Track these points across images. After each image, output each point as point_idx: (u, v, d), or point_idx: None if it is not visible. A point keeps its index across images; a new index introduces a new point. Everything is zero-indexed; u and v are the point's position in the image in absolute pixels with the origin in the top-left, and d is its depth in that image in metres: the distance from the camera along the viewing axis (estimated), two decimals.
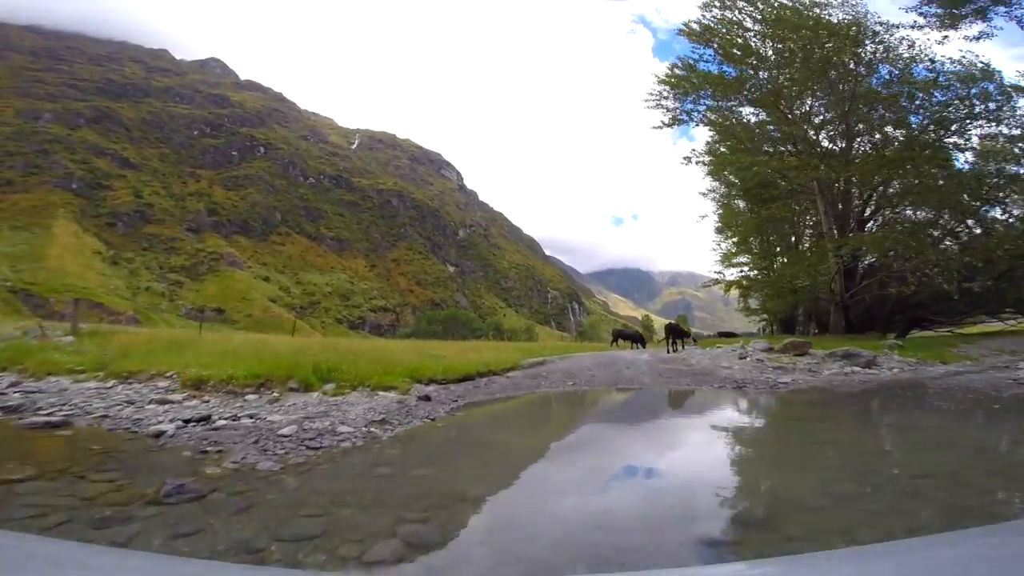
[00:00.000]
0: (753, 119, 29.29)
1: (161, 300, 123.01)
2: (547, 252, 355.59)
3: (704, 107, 28.29)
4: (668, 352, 22.46)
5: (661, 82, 27.62)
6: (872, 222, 28.35)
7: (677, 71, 27.62)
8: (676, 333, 24.15)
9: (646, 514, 3.58)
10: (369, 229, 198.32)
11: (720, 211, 40.86)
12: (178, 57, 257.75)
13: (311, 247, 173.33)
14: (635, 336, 37.02)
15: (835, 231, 26.12)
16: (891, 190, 27.63)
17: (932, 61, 23.92)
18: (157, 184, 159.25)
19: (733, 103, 28.36)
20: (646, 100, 27.96)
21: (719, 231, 41.19)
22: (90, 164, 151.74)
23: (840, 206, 27.44)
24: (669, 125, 28.50)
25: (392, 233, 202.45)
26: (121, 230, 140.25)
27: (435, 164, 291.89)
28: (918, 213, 27.88)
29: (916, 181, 25.72)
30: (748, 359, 13.37)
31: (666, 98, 27.85)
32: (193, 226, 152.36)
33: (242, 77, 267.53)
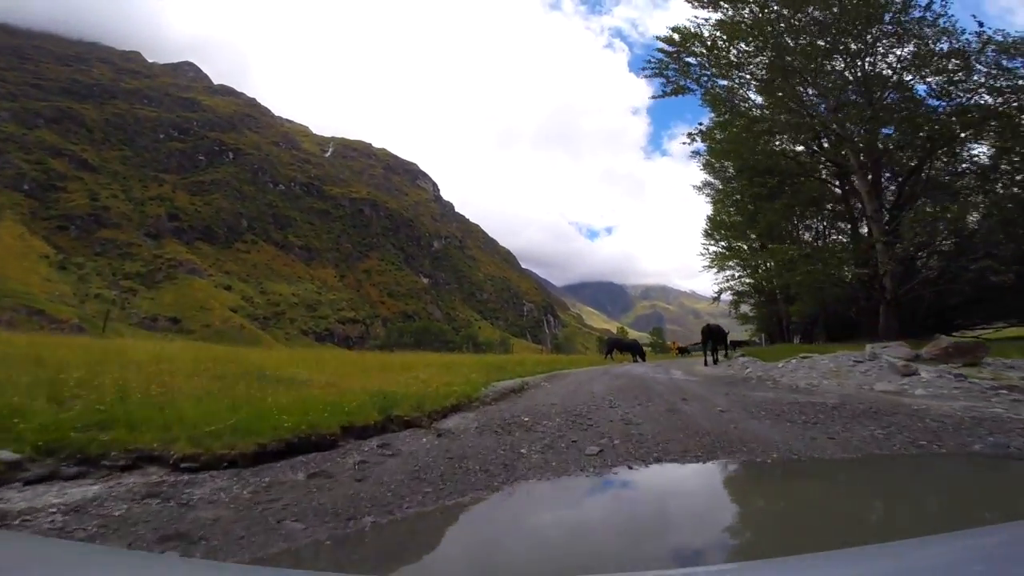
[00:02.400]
0: (760, 99, 26.82)
1: (112, 308, 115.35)
2: (523, 265, 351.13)
3: (709, 76, 25.57)
4: (707, 364, 19.03)
5: (659, 50, 24.91)
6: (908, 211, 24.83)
7: (677, 36, 24.53)
8: (717, 337, 19.93)
9: None
10: (340, 238, 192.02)
11: (715, 206, 39.57)
12: (150, 60, 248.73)
13: (278, 256, 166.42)
14: (634, 347, 32.65)
15: (883, 214, 23.20)
16: (924, 175, 25.04)
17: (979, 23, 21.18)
18: (116, 187, 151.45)
19: (739, 81, 25.83)
20: (644, 69, 25.29)
21: (708, 234, 39.63)
22: (45, 165, 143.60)
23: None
24: (671, 94, 25.72)
25: (364, 243, 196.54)
26: (73, 234, 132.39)
27: (411, 174, 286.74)
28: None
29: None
30: (922, 376, 8.93)
31: (667, 67, 25.13)
32: (152, 231, 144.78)
33: (216, 82, 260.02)
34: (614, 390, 9.98)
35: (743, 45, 24.10)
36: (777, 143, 27.89)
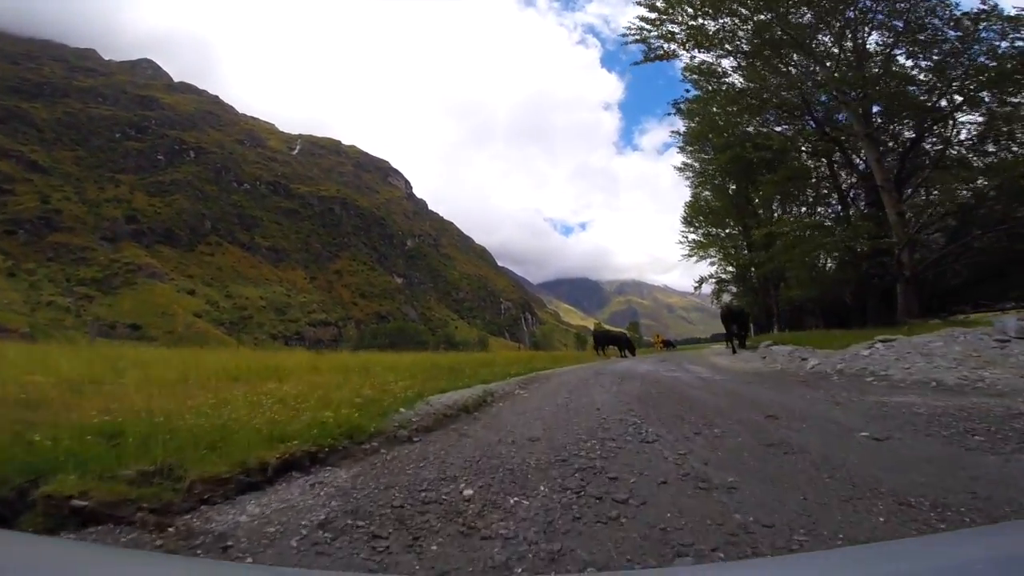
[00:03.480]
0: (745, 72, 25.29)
1: (66, 316, 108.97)
2: (499, 263, 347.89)
3: (693, 44, 24.04)
4: (734, 351, 17.04)
5: (641, 17, 23.33)
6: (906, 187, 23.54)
7: (660, 3, 22.87)
8: (740, 321, 17.87)
9: None
10: (309, 238, 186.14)
11: (694, 190, 38.86)
12: (106, 58, 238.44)
13: (244, 258, 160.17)
14: (623, 340, 30.46)
15: (893, 184, 21.00)
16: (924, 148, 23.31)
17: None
18: (69, 189, 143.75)
19: (728, 49, 24.21)
20: (625, 35, 23.53)
21: (687, 221, 38.70)
22: None
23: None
24: (654, 60, 24.19)
25: (334, 243, 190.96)
26: (22, 239, 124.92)
27: (382, 171, 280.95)
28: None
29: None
30: None
31: (649, 35, 23.49)
32: (108, 235, 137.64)
33: (177, 79, 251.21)
34: (630, 401, 6.35)
35: (730, 14, 22.62)
36: (764, 120, 27.00)
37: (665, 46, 23.39)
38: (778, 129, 26.83)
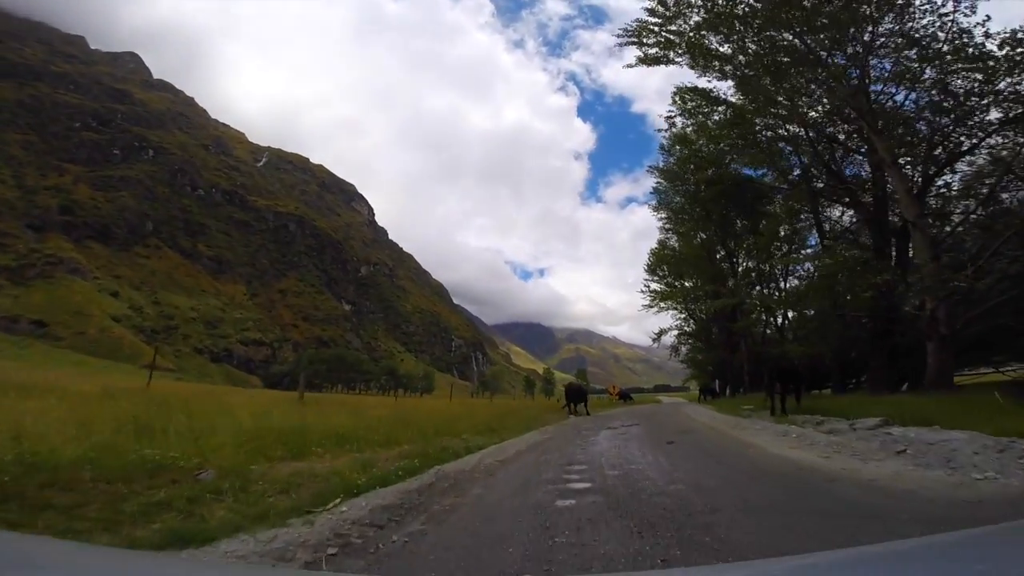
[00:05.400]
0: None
1: None
2: (455, 300, 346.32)
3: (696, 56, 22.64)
4: (772, 412, 14.78)
5: (641, 21, 22.25)
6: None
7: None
8: (792, 379, 15.65)
9: None
10: (257, 253, 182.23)
11: (664, 235, 39.11)
12: (93, 47, 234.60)
13: (182, 264, 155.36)
14: (584, 394, 28.97)
15: (929, 221, 19.73)
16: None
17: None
18: (6, 172, 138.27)
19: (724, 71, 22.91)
20: (619, 36, 22.60)
21: (651, 270, 38.71)
22: None
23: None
24: (648, 63, 23.10)
25: (284, 261, 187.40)
26: None
27: (347, 195, 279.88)
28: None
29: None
30: None
31: (647, 34, 22.44)
32: (36, 223, 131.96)
33: (159, 76, 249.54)
34: None
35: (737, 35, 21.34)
36: (752, 156, 26.24)
37: (661, 53, 22.42)
38: (769, 174, 26.55)
